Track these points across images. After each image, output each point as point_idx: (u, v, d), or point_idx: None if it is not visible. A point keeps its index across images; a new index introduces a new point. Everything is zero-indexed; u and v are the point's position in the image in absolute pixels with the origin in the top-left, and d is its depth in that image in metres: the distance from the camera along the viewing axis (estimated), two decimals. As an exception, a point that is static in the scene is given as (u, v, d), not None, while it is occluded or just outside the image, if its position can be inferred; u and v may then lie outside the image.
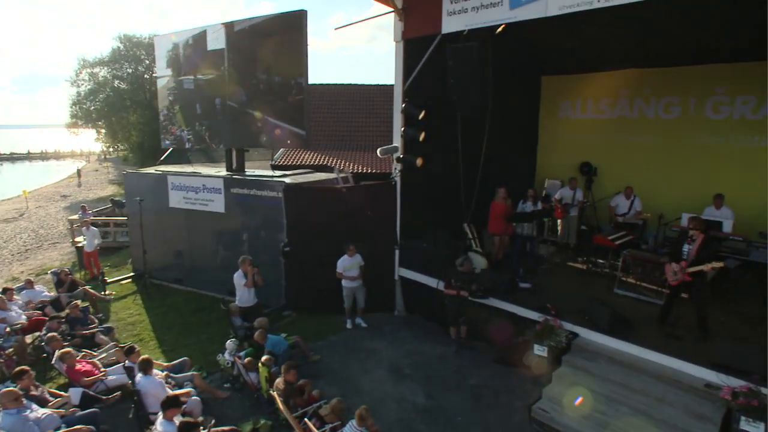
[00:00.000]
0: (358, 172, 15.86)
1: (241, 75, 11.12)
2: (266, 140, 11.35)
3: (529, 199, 9.76)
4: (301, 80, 9.93)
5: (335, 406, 5.90)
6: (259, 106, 10.92)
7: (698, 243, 6.83)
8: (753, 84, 9.70)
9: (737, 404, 5.52)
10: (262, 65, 10.69)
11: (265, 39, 10.55)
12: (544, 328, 7.31)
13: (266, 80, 10.51)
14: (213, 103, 11.76)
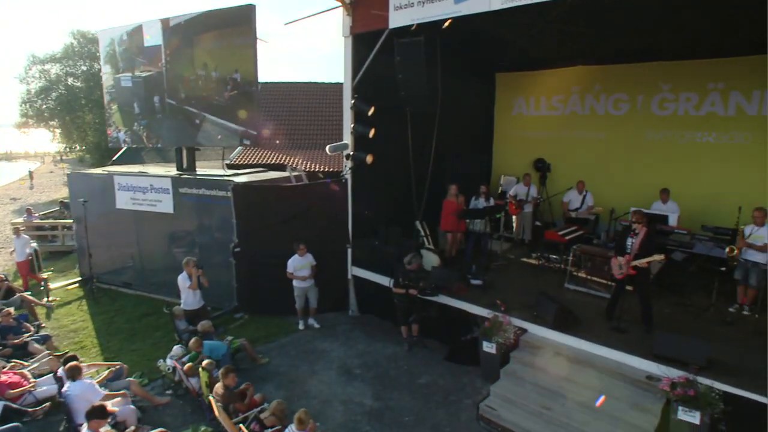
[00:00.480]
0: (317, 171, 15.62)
1: (179, 71, 10.78)
2: (206, 138, 11.02)
3: (481, 196, 9.73)
4: (236, 76, 9.66)
5: (275, 408, 5.71)
6: (198, 103, 10.62)
7: (641, 236, 6.89)
8: (694, 81, 9.94)
9: (675, 395, 5.57)
10: (200, 61, 10.38)
11: (203, 34, 10.25)
12: (492, 325, 7.26)
13: (205, 76, 10.22)
14: (152, 102, 11.37)
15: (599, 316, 7.55)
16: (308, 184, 10.56)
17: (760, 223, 7.49)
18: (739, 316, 7.75)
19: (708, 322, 7.55)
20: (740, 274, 7.81)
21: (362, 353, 8.44)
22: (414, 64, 8.08)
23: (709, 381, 5.70)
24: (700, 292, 8.36)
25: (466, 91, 11.99)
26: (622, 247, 7.06)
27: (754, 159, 9.47)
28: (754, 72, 9.22)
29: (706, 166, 10.00)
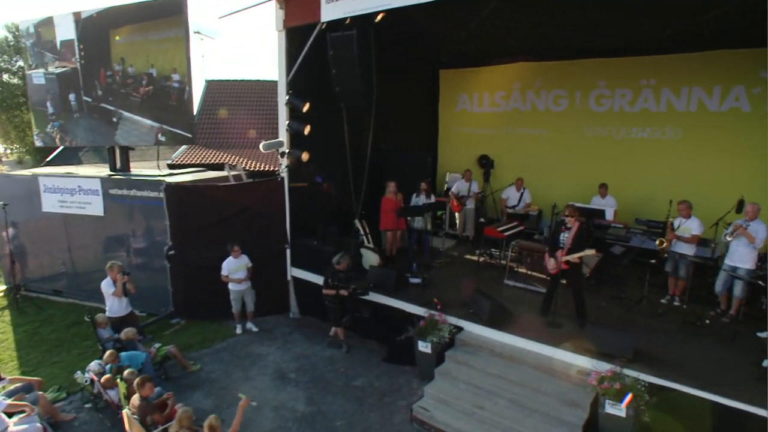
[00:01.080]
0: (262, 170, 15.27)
1: (94, 67, 10.26)
2: (124, 138, 10.53)
3: (422, 193, 9.62)
4: (152, 71, 9.25)
5: (181, 416, 5.35)
6: (116, 100, 10.14)
7: (574, 231, 6.88)
8: (629, 78, 10.12)
9: (602, 389, 5.56)
10: (117, 56, 9.91)
11: (121, 27, 9.78)
12: (427, 324, 7.14)
13: (122, 72, 9.74)
14: (68, 100, 10.79)
15: (536, 312, 7.53)
16: (246, 183, 10.23)
17: (686, 215, 7.64)
18: (671, 307, 7.89)
19: (641, 314, 7.64)
20: (670, 266, 7.96)
21: (299, 356, 8.20)
22: (347, 58, 7.88)
23: (635, 373, 5.74)
24: (636, 284, 8.49)
25: (410, 87, 11.91)
26: (556, 242, 7.05)
27: (684, 154, 9.72)
28: (682, 69, 9.49)
29: (641, 160, 10.20)
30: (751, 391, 5.48)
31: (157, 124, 9.54)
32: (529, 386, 6.18)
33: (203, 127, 18.64)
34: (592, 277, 8.75)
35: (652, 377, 5.73)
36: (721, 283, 7.50)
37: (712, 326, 7.17)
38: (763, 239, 6.97)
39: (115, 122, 10.17)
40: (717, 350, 6.52)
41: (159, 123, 9.52)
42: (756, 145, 8.98)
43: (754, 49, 8.74)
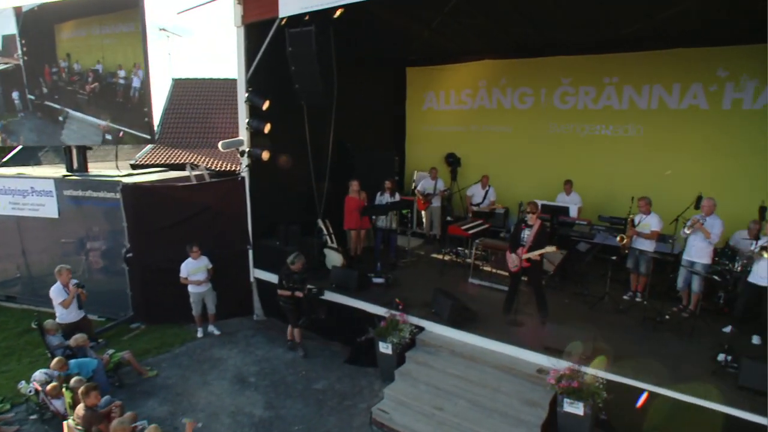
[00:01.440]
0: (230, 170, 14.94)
1: (38, 64, 9.86)
2: (71, 137, 10.16)
3: (386, 192, 9.49)
4: (98, 67, 8.93)
5: (115, 428, 5.12)
6: (63, 98, 9.77)
7: (535, 229, 6.84)
8: (592, 76, 10.17)
9: (560, 387, 5.50)
10: (62, 52, 9.54)
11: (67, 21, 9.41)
12: (388, 324, 7.03)
13: (68, 69, 9.39)
14: (11, 98, 10.35)
15: (499, 311, 7.45)
16: (206, 183, 9.98)
17: (645, 211, 7.68)
18: (632, 303, 7.91)
19: (603, 310, 7.66)
20: (631, 262, 7.99)
21: (261, 360, 8.01)
22: (306, 55, 7.70)
23: (593, 370, 5.71)
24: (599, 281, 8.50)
25: (377, 85, 11.81)
26: (517, 240, 7.00)
27: (646, 150, 9.80)
28: (643, 67, 9.57)
29: (604, 157, 10.27)
30: (706, 385, 5.49)
31: (104, 122, 9.19)
32: (489, 386, 6.10)
33: (170, 126, 18.22)
34: (557, 275, 8.75)
35: (611, 374, 5.71)
36: (682, 279, 7.57)
37: (672, 322, 7.22)
38: (718, 234, 7.03)
39: (62, 121, 9.80)
40: (676, 345, 6.55)
41: (107, 121, 9.18)
42: (713, 142, 9.12)
43: (710, 48, 8.87)
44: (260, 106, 8.55)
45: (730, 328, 7.04)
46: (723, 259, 7.72)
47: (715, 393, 5.33)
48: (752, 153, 8.76)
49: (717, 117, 9.06)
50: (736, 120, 8.92)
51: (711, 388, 5.42)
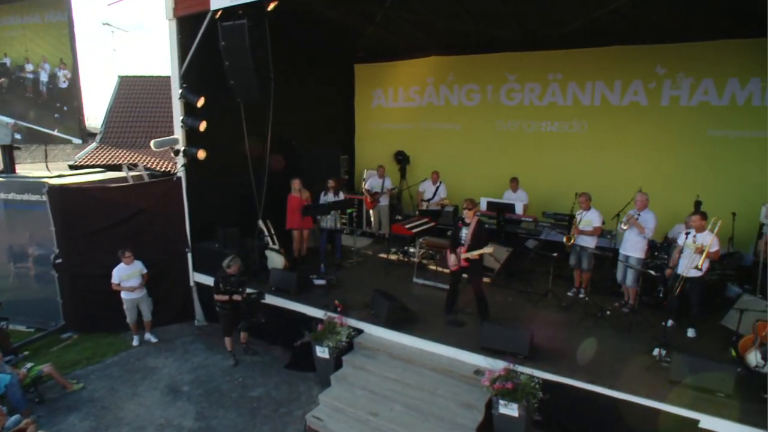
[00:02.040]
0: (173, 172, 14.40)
1: None
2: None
3: (329, 191, 9.25)
4: (5, 60, 8.40)
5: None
6: None
7: (472, 227, 6.71)
8: (536, 72, 10.18)
9: (494, 389, 5.37)
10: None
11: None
12: (325, 327, 6.80)
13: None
14: None
15: (442, 311, 7.30)
16: (141, 184, 9.54)
17: (585, 207, 7.66)
18: (576, 299, 7.89)
19: (546, 307, 7.61)
20: (574, 258, 7.96)
21: (197, 367, 7.68)
22: (239, 49, 7.40)
23: (530, 370, 5.62)
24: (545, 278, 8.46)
25: (325, 82, 11.54)
26: (456, 238, 6.87)
27: (590, 147, 9.85)
28: (585, 63, 9.62)
29: (550, 154, 10.29)
30: (639, 381, 5.46)
31: (11, 120, 8.65)
32: (426, 389, 5.94)
33: (115, 125, 17.53)
34: (502, 272, 8.68)
35: (547, 373, 5.62)
36: (620, 274, 7.58)
37: (613, 317, 7.22)
38: (652, 228, 7.06)
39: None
40: (615, 341, 6.52)
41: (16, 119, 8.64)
42: (653, 138, 9.23)
43: (649, 45, 8.97)
44: (195, 103, 8.19)
45: (670, 321, 7.07)
46: (662, 253, 7.78)
47: (646, 388, 5.30)
48: (689, 148, 8.91)
49: (656, 113, 9.17)
50: (674, 116, 9.05)
51: (644, 384, 5.40)
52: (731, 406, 5.04)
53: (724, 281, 7.93)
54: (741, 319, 6.43)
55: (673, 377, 5.41)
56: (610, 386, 5.36)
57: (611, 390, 5.34)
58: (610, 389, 5.34)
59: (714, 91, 8.69)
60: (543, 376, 5.58)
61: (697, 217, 6.64)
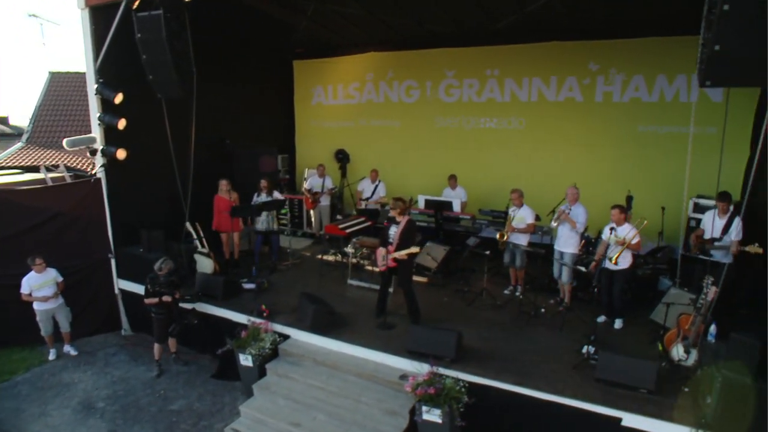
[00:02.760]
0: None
1: None
2: None
3: (262, 191, 8.89)
4: None
5: None
6: None
7: (401, 226, 6.50)
8: (475, 68, 10.09)
9: (417, 395, 5.17)
10: None
11: None
12: (249, 334, 6.47)
13: None
14: None
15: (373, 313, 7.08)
16: (56, 186, 8.94)
17: (518, 204, 7.56)
18: (511, 298, 7.79)
19: (481, 307, 7.48)
20: (508, 256, 7.86)
21: (117, 381, 7.21)
22: (156, 42, 6.96)
23: (455, 373, 5.45)
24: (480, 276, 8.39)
25: (261, 79, 11.16)
26: (386, 237, 6.65)
27: (528, 143, 9.83)
28: (522, 59, 9.59)
29: (489, 150, 10.23)
30: (566, 381, 5.37)
31: None
32: (351, 396, 5.71)
33: (44, 123, 16.58)
34: (440, 271, 8.53)
35: (472, 376, 5.46)
36: (556, 270, 7.52)
37: (547, 315, 7.16)
38: (583, 223, 7.04)
39: None
40: (546, 340, 6.45)
41: None
42: (589, 134, 9.27)
43: (582, 41, 8.99)
44: (112, 100, 7.70)
45: (602, 317, 7.06)
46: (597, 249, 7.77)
47: (571, 388, 5.21)
48: (622, 144, 8.98)
49: (591, 109, 9.22)
50: (607, 112, 9.11)
51: (570, 383, 5.31)
52: (654, 403, 5.01)
53: (657, 275, 7.99)
54: (667, 312, 6.46)
55: (599, 375, 5.34)
56: (536, 387, 5.25)
57: (535, 391, 5.23)
58: (534, 390, 5.24)
59: (644, 87, 8.77)
60: (469, 379, 5.42)
61: (616, 210, 6.65)
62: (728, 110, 8.12)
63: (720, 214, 6.86)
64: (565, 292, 7.39)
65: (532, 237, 7.82)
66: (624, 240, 6.42)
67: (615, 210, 6.62)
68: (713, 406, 4.61)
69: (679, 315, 5.95)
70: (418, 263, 8.63)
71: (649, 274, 8.09)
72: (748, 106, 8.05)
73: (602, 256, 6.64)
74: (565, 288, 7.34)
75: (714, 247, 6.80)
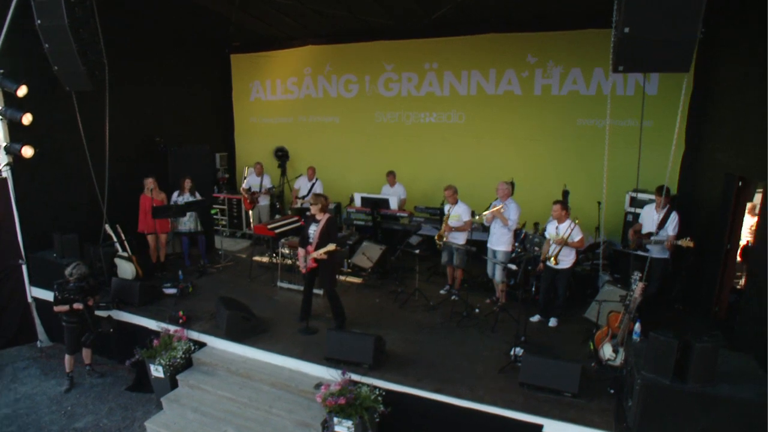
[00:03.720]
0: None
1: None
2: None
3: (185, 191, 8.41)
4: None
5: None
6: None
7: (322, 224, 6.15)
8: (413, 61, 9.83)
9: (327, 405, 4.83)
10: None
11: None
12: (161, 342, 6.02)
13: None
14: None
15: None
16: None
17: (452, 201, 7.30)
18: (446, 298, 7.50)
19: (413, 308, 7.20)
20: (446, 255, 7.57)
21: (21, 398, 6.62)
22: (58, 29, 6.42)
23: (372, 381, 5.15)
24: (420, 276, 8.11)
25: (196, 73, 10.65)
26: (306, 237, 6.28)
27: (469, 138, 9.60)
28: (460, 52, 9.38)
29: (429, 146, 10.00)
30: (488, 386, 5.11)
31: None
32: (262, 408, 5.33)
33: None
34: (376, 272, 8.21)
35: (391, 383, 5.16)
36: (490, 269, 7.29)
37: (481, 315, 6.91)
38: (516, 219, 6.84)
39: None
40: (475, 342, 6.21)
41: None
42: (528, 128, 9.12)
43: (519, 33, 8.82)
44: (14, 92, 7.11)
45: (537, 317, 6.86)
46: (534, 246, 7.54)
47: (493, 393, 4.95)
48: (562, 138, 8.83)
49: (530, 103, 9.05)
50: (546, 106, 8.95)
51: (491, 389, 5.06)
52: (577, 407, 4.80)
53: (597, 271, 7.85)
54: (600, 310, 6.29)
55: (522, 379, 5.10)
56: (455, 394, 4.96)
57: (454, 398, 4.95)
58: (453, 397, 4.95)
59: (582, 80, 8.63)
60: (386, 386, 5.12)
61: (558, 206, 6.47)
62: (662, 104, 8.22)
63: (657, 208, 6.76)
64: (499, 291, 7.16)
65: (474, 234, 7.59)
66: (563, 238, 6.23)
67: (556, 206, 6.44)
68: (633, 409, 4.40)
69: (609, 313, 5.78)
70: (354, 263, 8.34)
71: (589, 270, 7.97)
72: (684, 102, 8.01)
73: (547, 254, 6.43)
74: (499, 287, 7.11)
75: (650, 242, 6.68)
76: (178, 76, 10.08)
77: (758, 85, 5.79)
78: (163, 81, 9.64)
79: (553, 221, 6.56)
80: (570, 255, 6.47)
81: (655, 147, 8.24)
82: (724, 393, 4.12)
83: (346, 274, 8.34)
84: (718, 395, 4.12)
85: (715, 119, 7.48)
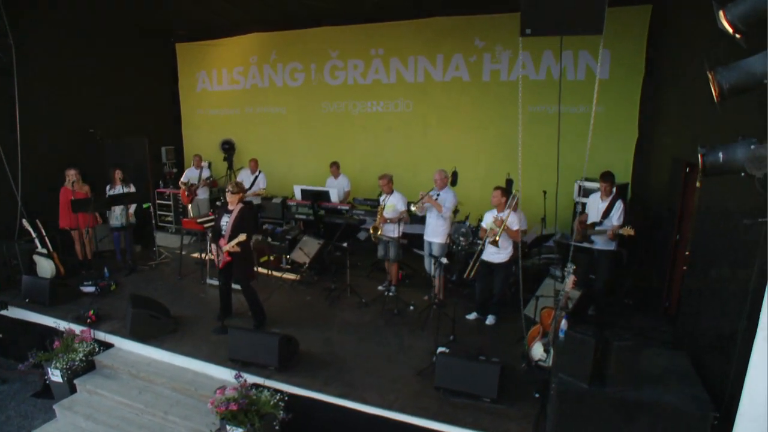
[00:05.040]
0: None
1: None
2: None
3: (117, 183, 7.94)
4: None
5: None
6: None
7: (234, 214, 5.71)
8: (359, 48, 9.45)
9: (219, 412, 4.40)
10: None
11: None
12: (62, 345, 5.57)
13: None
14: None
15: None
16: None
17: (387, 191, 6.90)
18: (382, 295, 7.05)
19: (344, 306, 6.79)
20: (382, 249, 7.18)
21: None
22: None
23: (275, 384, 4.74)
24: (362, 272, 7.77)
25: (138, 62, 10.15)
26: (218, 228, 5.84)
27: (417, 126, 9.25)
28: (405, 37, 9.02)
29: (377, 135, 9.62)
30: (402, 390, 4.70)
31: None
32: (158, 414, 4.91)
33: None
34: (312, 268, 7.78)
35: (294, 387, 4.74)
36: (427, 263, 6.90)
37: (415, 312, 6.52)
38: (450, 208, 6.48)
39: None
40: (401, 342, 5.81)
41: None
42: (476, 115, 8.77)
43: (465, 16, 8.43)
44: None
45: (474, 314, 6.46)
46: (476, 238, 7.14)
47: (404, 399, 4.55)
48: (511, 124, 8.40)
49: (479, 89, 8.69)
50: (495, 91, 8.57)
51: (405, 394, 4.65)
52: (494, 414, 4.41)
53: (548, 265, 7.45)
54: (537, 306, 5.92)
55: (438, 383, 4.68)
56: (360, 399, 4.55)
57: (359, 404, 4.54)
58: (358, 403, 4.54)
59: (531, 65, 8.25)
60: (290, 390, 4.71)
61: (498, 192, 6.08)
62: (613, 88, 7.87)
63: (603, 197, 6.37)
64: (437, 286, 6.74)
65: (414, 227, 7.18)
66: (502, 220, 5.80)
67: (497, 191, 6.04)
68: (549, 416, 4.01)
69: (542, 309, 5.40)
70: (292, 259, 7.91)
71: (540, 265, 7.56)
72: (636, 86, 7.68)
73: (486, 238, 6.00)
74: (435, 282, 6.69)
75: (594, 232, 6.31)
76: (119, 65, 9.58)
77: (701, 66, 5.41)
78: (102, 70, 9.16)
79: (493, 210, 6.14)
80: (508, 248, 6.06)
81: (609, 133, 7.98)
82: (648, 398, 3.65)
83: (284, 271, 7.90)
84: (641, 400, 3.68)
85: (664, 101, 7.12)
